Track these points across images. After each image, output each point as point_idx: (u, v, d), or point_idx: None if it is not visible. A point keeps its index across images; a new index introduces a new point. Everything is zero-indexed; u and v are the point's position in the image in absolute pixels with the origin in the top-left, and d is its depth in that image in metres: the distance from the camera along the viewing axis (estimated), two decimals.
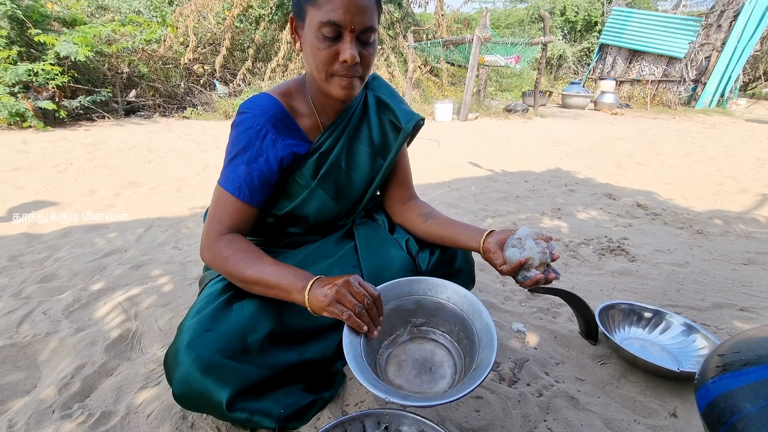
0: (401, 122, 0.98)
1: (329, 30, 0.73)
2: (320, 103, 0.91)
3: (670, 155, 4.12)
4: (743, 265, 1.70)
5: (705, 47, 8.89)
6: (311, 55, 0.77)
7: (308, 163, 0.92)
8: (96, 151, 3.63)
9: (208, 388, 0.74)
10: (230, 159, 0.84)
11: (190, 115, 5.73)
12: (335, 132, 0.94)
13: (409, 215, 1.04)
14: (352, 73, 0.78)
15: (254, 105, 0.85)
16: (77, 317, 1.28)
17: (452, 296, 0.89)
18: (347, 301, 0.74)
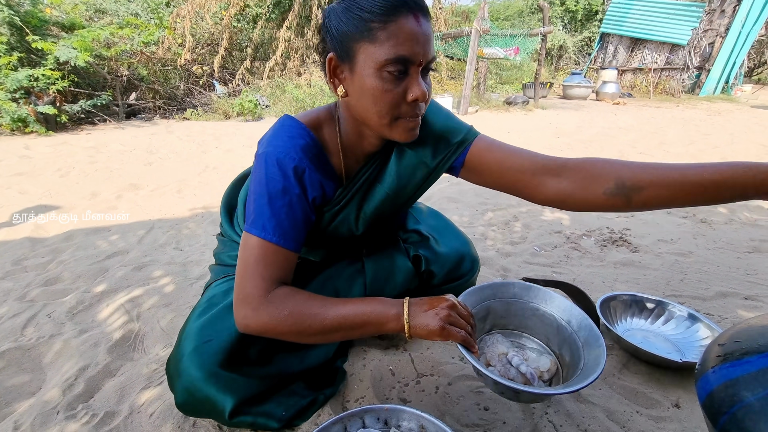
0: (432, 159, 0.82)
1: (396, 67, 0.62)
2: (350, 143, 0.79)
3: (673, 144, 4.08)
4: (748, 253, 1.69)
5: (708, 33, 8.77)
6: (371, 100, 0.65)
7: (327, 215, 0.83)
8: (97, 155, 3.65)
9: (211, 399, 0.75)
10: (267, 202, 0.70)
11: (190, 116, 5.74)
12: (361, 180, 0.83)
13: (593, 199, 0.71)
14: (420, 111, 0.69)
15: (285, 134, 0.74)
16: (81, 319, 1.29)
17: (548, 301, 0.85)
18: (459, 323, 0.70)
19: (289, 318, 0.68)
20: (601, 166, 0.71)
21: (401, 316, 0.69)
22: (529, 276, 1.47)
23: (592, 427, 0.85)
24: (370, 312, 0.70)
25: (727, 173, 0.61)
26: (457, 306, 0.72)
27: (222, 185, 2.79)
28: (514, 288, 0.88)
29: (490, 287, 0.87)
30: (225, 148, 3.93)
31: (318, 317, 0.69)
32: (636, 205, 0.68)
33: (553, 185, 0.75)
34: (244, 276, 0.71)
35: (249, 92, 6.17)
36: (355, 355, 1.07)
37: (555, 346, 0.85)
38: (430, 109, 0.84)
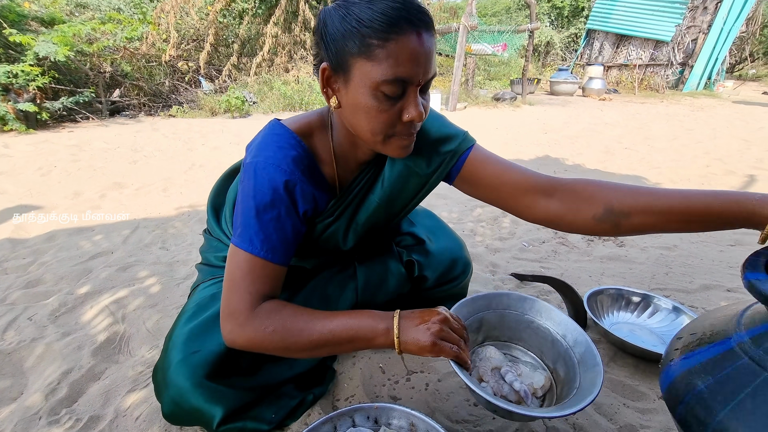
0: (426, 168, 0.79)
1: (393, 88, 0.59)
2: (344, 153, 0.76)
3: (658, 139, 4.15)
4: (730, 246, 1.73)
5: (691, 30, 8.92)
6: (364, 118, 0.62)
7: (319, 226, 0.80)
8: (80, 153, 3.56)
9: (199, 410, 0.74)
10: (254, 215, 0.67)
11: (176, 114, 5.64)
12: (354, 191, 0.80)
13: (582, 223, 0.71)
14: (414, 130, 0.66)
15: (275, 144, 0.70)
16: (63, 322, 1.26)
17: (543, 314, 0.84)
18: (452, 338, 0.68)
19: (275, 334, 0.66)
20: (592, 189, 0.70)
21: (391, 332, 0.66)
22: (518, 271, 1.48)
23: (580, 421, 0.86)
24: (358, 327, 0.67)
25: (714, 204, 0.60)
26: (449, 320, 0.69)
27: (209, 183, 2.75)
28: (508, 299, 0.86)
29: (484, 298, 0.85)
30: (211, 146, 3.87)
31: (304, 333, 0.67)
32: (624, 230, 0.68)
33: (543, 205, 0.74)
34: (231, 290, 0.68)
35: (236, 89, 6.08)
36: (344, 354, 1.07)
37: (549, 361, 0.82)
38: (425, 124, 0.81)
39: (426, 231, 1.11)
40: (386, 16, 0.55)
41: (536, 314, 0.84)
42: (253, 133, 0.78)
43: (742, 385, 0.47)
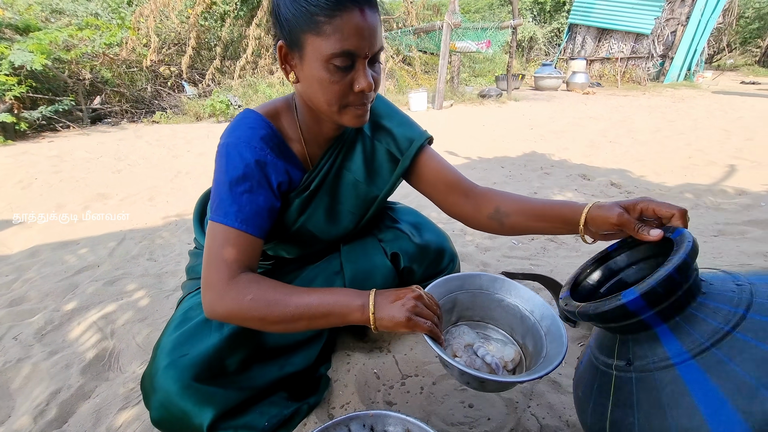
0: (400, 151, 0.88)
1: (342, 60, 0.65)
2: (310, 130, 0.82)
3: (641, 132, 4.22)
4: (713, 236, 1.77)
5: (670, 22, 9.08)
6: (320, 89, 0.68)
7: (296, 202, 0.84)
8: (62, 164, 3.49)
9: (188, 413, 0.73)
10: (227, 189, 0.72)
11: (160, 120, 5.56)
12: (327, 164, 0.85)
13: (480, 220, 0.87)
14: (367, 99, 0.72)
15: (245, 125, 0.76)
16: (50, 340, 1.23)
17: (513, 292, 0.86)
18: (425, 313, 0.70)
19: (252, 303, 0.68)
20: (490, 195, 0.87)
21: (366, 308, 0.69)
22: (508, 270, 1.50)
23: (573, 417, 0.87)
24: (334, 302, 0.70)
25: (558, 210, 0.77)
26: (423, 297, 0.72)
27: (195, 191, 2.72)
28: (480, 279, 0.89)
29: (457, 278, 0.88)
30: (197, 152, 3.82)
31: (280, 303, 0.69)
32: (507, 228, 0.85)
33: (461, 204, 0.89)
34: (209, 262, 0.71)
35: (220, 92, 6.02)
36: (338, 360, 1.06)
37: (519, 336, 0.86)
38: (389, 107, 0.92)
39: (410, 226, 1.11)
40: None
41: (506, 293, 0.88)
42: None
43: None
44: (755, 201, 2.13)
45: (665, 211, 0.63)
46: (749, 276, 0.59)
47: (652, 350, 0.57)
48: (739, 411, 0.46)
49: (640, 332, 0.59)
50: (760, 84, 8.89)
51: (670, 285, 0.54)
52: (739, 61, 13.35)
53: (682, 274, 0.54)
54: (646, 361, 0.57)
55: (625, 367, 0.59)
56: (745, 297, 0.55)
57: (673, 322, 0.56)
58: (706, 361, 0.51)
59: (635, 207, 0.66)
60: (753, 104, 5.86)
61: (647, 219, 0.66)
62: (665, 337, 0.56)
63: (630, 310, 0.55)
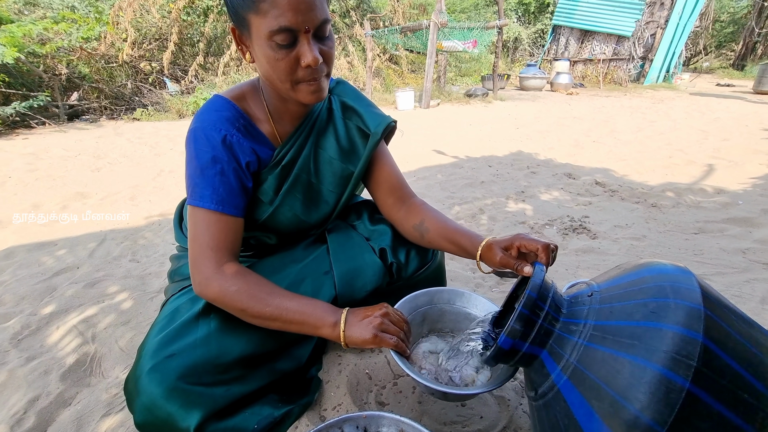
0: (370, 127, 0.91)
1: (282, 37, 0.65)
2: (277, 109, 0.84)
3: (623, 132, 4.31)
4: (694, 234, 1.81)
5: (650, 25, 9.31)
6: (269, 67, 0.70)
7: (270, 178, 0.86)
8: (37, 162, 3.36)
9: (173, 415, 0.70)
10: (199, 173, 0.75)
11: (141, 117, 5.42)
12: (298, 141, 0.87)
13: (406, 227, 0.94)
14: (318, 74, 0.72)
15: (211, 110, 0.79)
16: (27, 345, 1.18)
17: (471, 304, 0.92)
18: (391, 329, 0.76)
19: (236, 294, 0.73)
20: (420, 209, 0.94)
21: (338, 325, 0.74)
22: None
23: None
24: (310, 314, 0.75)
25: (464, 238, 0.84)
26: (389, 314, 0.77)
27: (179, 190, 2.66)
28: (446, 294, 0.94)
29: (425, 294, 0.93)
30: (180, 150, 3.74)
31: (261, 302, 0.74)
32: (425, 241, 0.92)
33: (396, 209, 0.96)
34: (195, 248, 0.76)
35: (204, 89, 5.90)
36: (329, 361, 1.05)
37: None
38: (357, 93, 0.95)
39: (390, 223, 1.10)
40: None
41: (472, 306, 0.92)
42: None
43: None
44: (733, 199, 2.20)
45: (532, 246, 0.71)
46: (599, 284, 0.64)
47: (544, 376, 0.60)
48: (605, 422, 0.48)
49: (533, 362, 0.63)
50: (735, 86, 9.19)
51: (526, 319, 0.59)
52: (715, 63, 13.80)
53: (531, 308, 0.60)
54: (543, 388, 0.60)
55: (535, 397, 0.62)
56: (593, 307, 0.59)
57: (549, 346, 0.61)
58: (576, 377, 0.54)
59: (512, 245, 0.74)
60: (728, 106, 6.06)
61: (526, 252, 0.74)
62: (547, 361, 0.60)
63: (506, 349, 0.61)
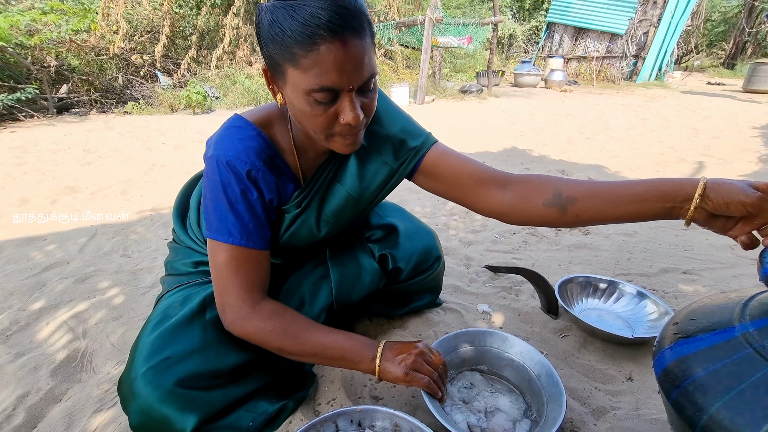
0: (398, 162, 0.82)
1: (323, 96, 0.59)
2: (303, 144, 0.78)
3: (616, 129, 4.34)
4: (684, 230, 1.83)
5: (643, 23, 9.36)
6: (303, 119, 0.64)
7: (286, 217, 0.82)
8: (25, 155, 3.30)
9: (169, 418, 0.70)
10: (228, 208, 0.71)
11: (132, 110, 5.34)
12: (318, 181, 0.81)
13: (531, 211, 0.74)
14: (356, 130, 0.65)
15: (235, 138, 0.72)
16: (16, 341, 1.17)
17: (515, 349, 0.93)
18: (425, 370, 0.76)
19: (272, 335, 0.73)
20: (541, 180, 0.74)
21: (375, 360, 0.75)
22: (491, 263, 1.51)
23: None
24: (348, 349, 0.75)
25: (653, 186, 0.63)
26: (425, 353, 0.77)
27: (171, 184, 2.63)
28: (489, 337, 0.95)
29: (466, 335, 0.95)
30: (173, 144, 3.69)
31: (299, 341, 0.74)
32: (570, 216, 0.70)
33: (499, 196, 0.77)
34: (223, 286, 0.74)
35: (196, 83, 5.82)
36: None
37: (527, 397, 0.90)
38: (390, 112, 0.83)
39: (396, 224, 1.11)
40: (306, 27, 0.54)
41: (515, 353, 0.93)
42: (216, 129, 0.78)
43: (744, 376, 0.48)
44: None
45: None
46: None
47: None
48: None
49: None
50: (725, 85, 9.30)
51: None
52: (706, 62, 13.94)
53: None
54: None
55: None
56: None
57: None
58: None
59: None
60: (718, 104, 6.13)
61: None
62: None
63: None
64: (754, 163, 2.91)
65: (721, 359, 0.51)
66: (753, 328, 0.52)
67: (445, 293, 1.33)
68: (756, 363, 0.48)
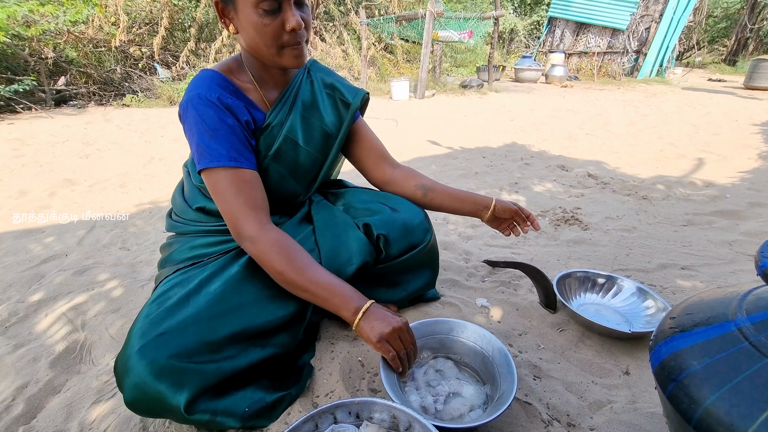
0: (348, 99, 1.01)
1: (269, 4, 0.74)
2: (262, 77, 0.92)
3: (616, 125, 4.33)
4: (683, 226, 1.84)
5: (645, 19, 9.31)
6: (256, 34, 0.78)
7: (261, 139, 0.92)
8: (24, 147, 3.29)
9: (163, 393, 0.70)
10: (212, 134, 0.81)
11: (130, 103, 5.31)
12: (285, 106, 0.95)
13: (405, 187, 1.09)
14: (300, 39, 0.80)
15: (201, 79, 0.85)
16: (15, 333, 1.17)
17: (472, 336, 0.97)
18: (395, 344, 0.81)
19: (278, 257, 0.81)
20: (416, 172, 1.12)
21: (357, 313, 0.80)
22: (490, 258, 1.51)
23: (553, 400, 0.90)
24: (339, 292, 0.81)
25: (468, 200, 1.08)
26: (402, 330, 0.81)
27: (170, 177, 2.62)
28: (470, 332, 0.98)
29: (447, 324, 1.00)
30: (171, 137, 3.68)
31: (299, 269, 0.81)
32: (427, 200, 1.09)
33: (388, 171, 1.10)
34: (231, 209, 0.82)
35: None
36: (322, 349, 1.05)
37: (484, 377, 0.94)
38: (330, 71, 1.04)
39: (381, 202, 1.09)
40: None
41: (474, 338, 0.97)
42: None
43: (740, 369, 0.48)
44: (721, 192, 2.23)
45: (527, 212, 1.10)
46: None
47: None
48: None
49: None
50: (726, 81, 9.27)
51: None
52: (707, 59, 13.87)
53: None
54: None
55: None
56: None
57: None
58: None
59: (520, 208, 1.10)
60: (719, 101, 6.11)
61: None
62: None
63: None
64: (754, 160, 2.91)
65: (717, 353, 0.52)
66: (749, 323, 0.52)
67: (443, 287, 1.33)
68: (752, 357, 0.49)
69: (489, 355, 0.93)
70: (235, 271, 0.88)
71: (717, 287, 0.70)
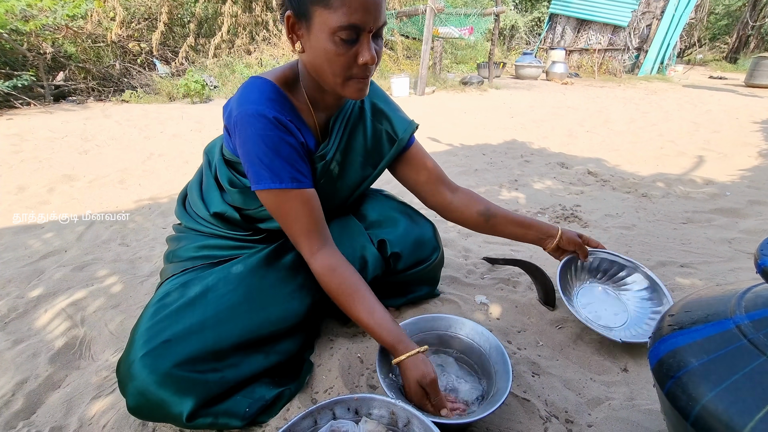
0: (397, 133, 0.98)
1: (348, 34, 0.68)
2: (315, 99, 0.86)
3: (616, 122, 4.32)
4: (682, 224, 1.84)
5: (646, 15, 9.26)
6: (325, 61, 0.72)
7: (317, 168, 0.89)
8: (22, 143, 3.28)
9: (166, 401, 0.70)
10: (274, 155, 0.77)
11: (130, 99, 5.29)
12: (337, 138, 0.91)
13: (468, 214, 1.04)
14: (368, 73, 0.75)
15: (257, 91, 0.79)
16: (14, 328, 1.17)
17: (470, 332, 0.97)
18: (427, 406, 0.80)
19: (329, 285, 0.83)
20: (480, 197, 1.06)
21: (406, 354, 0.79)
22: (489, 255, 1.51)
23: (551, 397, 0.90)
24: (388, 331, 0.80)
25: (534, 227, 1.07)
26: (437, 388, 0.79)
27: (169, 173, 2.62)
28: (467, 328, 0.98)
29: (445, 320, 1.00)
30: (171, 133, 3.67)
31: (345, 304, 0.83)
32: (489, 226, 1.05)
33: (447, 196, 1.04)
34: (291, 235, 0.84)
35: (194, 72, 5.76)
36: (321, 345, 1.06)
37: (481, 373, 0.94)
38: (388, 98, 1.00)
39: (396, 213, 1.12)
40: None
41: (459, 330, 0.98)
42: (215, 118, 0.81)
43: (738, 367, 0.48)
44: (721, 190, 2.23)
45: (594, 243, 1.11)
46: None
47: None
48: None
49: None
50: (727, 79, 9.24)
51: None
52: (708, 56, 13.82)
53: None
54: None
55: None
56: None
57: None
58: None
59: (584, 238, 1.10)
60: (720, 98, 6.10)
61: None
62: None
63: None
64: (754, 158, 2.91)
65: (716, 350, 0.52)
66: (748, 320, 0.52)
67: (442, 284, 1.33)
68: (750, 354, 0.49)
69: (486, 352, 0.93)
70: (242, 278, 0.88)
71: (716, 285, 0.71)
